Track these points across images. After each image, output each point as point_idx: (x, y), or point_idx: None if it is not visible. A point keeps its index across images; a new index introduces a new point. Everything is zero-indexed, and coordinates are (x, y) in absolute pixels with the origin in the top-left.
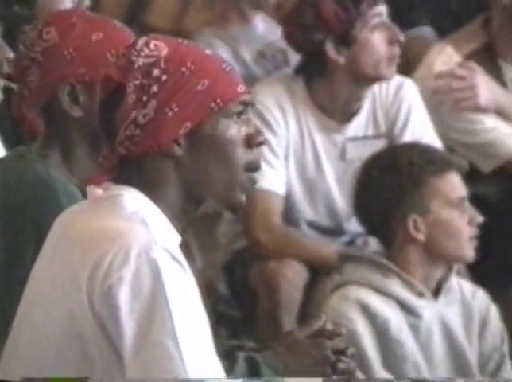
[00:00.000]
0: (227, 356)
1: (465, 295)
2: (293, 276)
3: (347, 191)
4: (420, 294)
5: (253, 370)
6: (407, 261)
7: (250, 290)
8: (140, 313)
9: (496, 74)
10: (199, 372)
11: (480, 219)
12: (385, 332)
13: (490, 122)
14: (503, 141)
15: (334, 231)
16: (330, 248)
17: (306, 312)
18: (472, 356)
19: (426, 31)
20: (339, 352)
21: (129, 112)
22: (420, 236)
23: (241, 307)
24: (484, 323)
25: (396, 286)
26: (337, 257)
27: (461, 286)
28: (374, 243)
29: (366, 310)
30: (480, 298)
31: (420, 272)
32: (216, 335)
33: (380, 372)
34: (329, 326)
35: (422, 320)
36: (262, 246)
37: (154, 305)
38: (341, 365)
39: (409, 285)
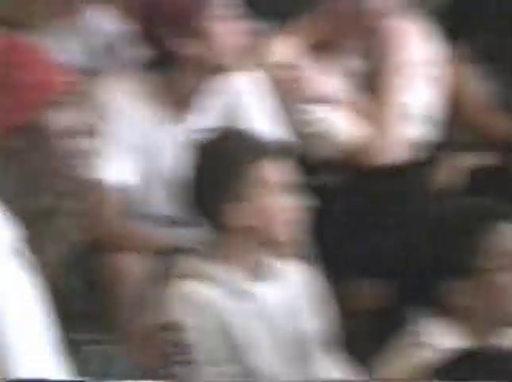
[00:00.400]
0: (73, 351)
1: (289, 276)
2: (136, 269)
3: None
4: (246, 278)
5: (103, 364)
6: (231, 247)
7: (94, 284)
8: None
9: (333, 66)
10: (37, 370)
11: (301, 203)
12: (219, 321)
13: (322, 113)
14: (334, 132)
15: (174, 221)
16: (162, 240)
17: (150, 305)
18: (297, 335)
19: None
20: (177, 345)
21: None
22: (241, 223)
23: (85, 301)
24: (307, 303)
25: (223, 274)
26: (165, 249)
27: (285, 268)
28: (197, 232)
29: (198, 302)
30: (304, 279)
31: (245, 257)
32: (62, 329)
33: (209, 367)
34: (166, 320)
35: (254, 303)
36: (100, 240)
37: None
38: (179, 357)
39: (235, 270)
